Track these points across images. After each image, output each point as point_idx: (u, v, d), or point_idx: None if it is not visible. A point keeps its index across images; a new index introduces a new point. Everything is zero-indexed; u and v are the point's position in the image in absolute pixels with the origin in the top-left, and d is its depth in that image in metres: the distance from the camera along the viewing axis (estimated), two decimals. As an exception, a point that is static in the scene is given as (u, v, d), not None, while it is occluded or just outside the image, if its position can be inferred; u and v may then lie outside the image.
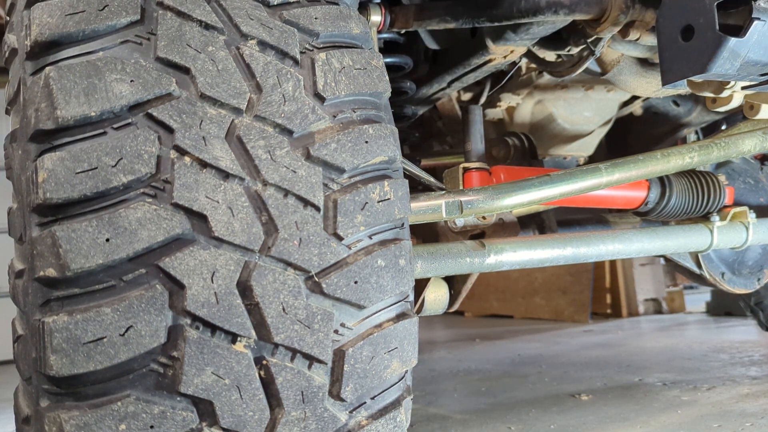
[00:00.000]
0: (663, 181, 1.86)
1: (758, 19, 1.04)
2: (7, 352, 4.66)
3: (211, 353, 0.80)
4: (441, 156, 2.24)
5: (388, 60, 1.69)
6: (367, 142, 0.94)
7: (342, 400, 0.88)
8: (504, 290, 6.07)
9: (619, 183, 1.58)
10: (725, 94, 1.51)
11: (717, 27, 1.04)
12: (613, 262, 5.47)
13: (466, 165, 1.68)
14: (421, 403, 2.42)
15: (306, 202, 0.88)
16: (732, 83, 1.48)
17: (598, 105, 2.20)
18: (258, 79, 0.90)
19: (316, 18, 0.99)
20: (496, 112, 2.26)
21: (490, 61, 1.64)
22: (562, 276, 5.48)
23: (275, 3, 0.99)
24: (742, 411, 2.09)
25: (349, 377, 0.88)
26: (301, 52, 0.96)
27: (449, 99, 2.15)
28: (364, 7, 1.48)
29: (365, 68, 1.00)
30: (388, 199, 0.95)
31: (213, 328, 0.81)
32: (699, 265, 2.14)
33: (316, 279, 0.87)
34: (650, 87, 1.74)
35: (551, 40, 1.60)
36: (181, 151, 0.83)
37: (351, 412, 0.90)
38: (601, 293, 5.53)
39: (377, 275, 0.91)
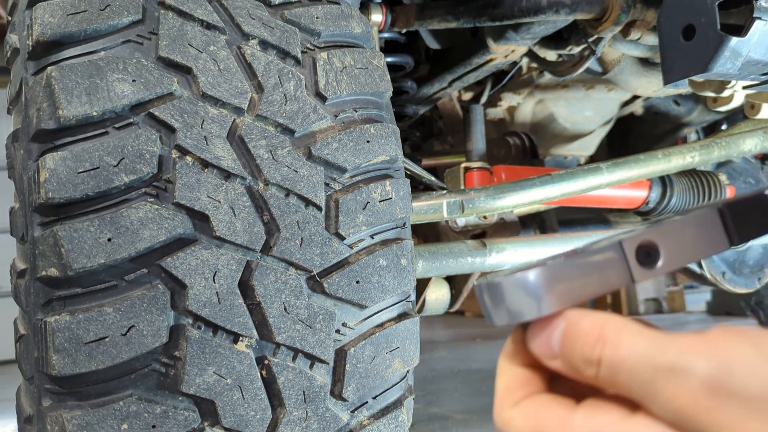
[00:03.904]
0: (664, 181, 1.86)
1: (759, 18, 1.04)
2: (8, 351, 4.66)
3: (212, 353, 0.80)
4: (442, 155, 2.24)
5: (389, 59, 1.69)
6: (368, 141, 0.94)
7: (344, 399, 0.88)
8: (505, 290, 6.05)
9: (620, 182, 1.58)
10: (726, 93, 1.51)
11: (718, 26, 1.04)
12: (613, 262, 5.45)
13: (468, 164, 1.68)
14: (422, 403, 2.42)
15: (308, 202, 0.88)
16: (733, 83, 1.48)
17: (599, 104, 2.20)
18: (259, 79, 0.90)
19: (317, 17, 0.99)
20: (497, 112, 2.26)
21: (491, 60, 1.64)
22: (563, 275, 5.47)
23: (276, 2, 0.99)
24: (743, 410, 2.08)
25: (350, 377, 0.88)
26: (303, 52, 0.96)
27: (450, 98, 2.14)
28: (365, 7, 1.48)
29: (367, 68, 1.00)
30: (390, 198, 0.95)
31: (215, 328, 0.81)
32: (700, 265, 2.14)
33: (318, 279, 0.87)
34: (651, 86, 1.74)
35: (552, 40, 1.60)
36: (183, 151, 0.83)
37: (353, 411, 0.90)
38: (601, 293, 5.51)
39: (379, 275, 0.91)
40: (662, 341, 0.30)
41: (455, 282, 1.67)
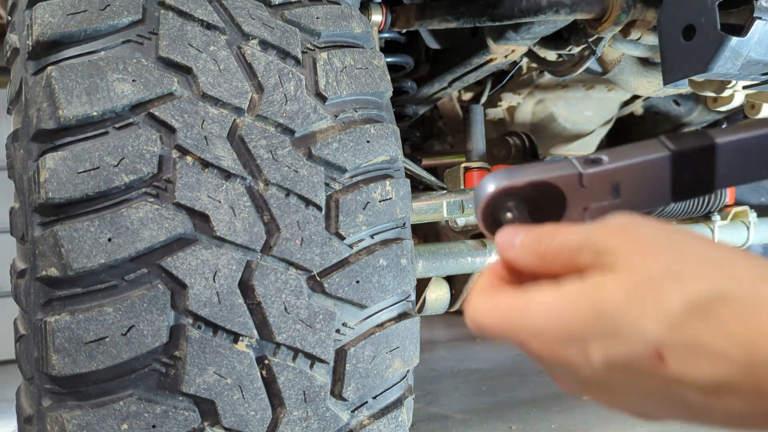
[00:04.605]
0: (664, 181, 1.86)
1: (759, 18, 1.04)
2: (8, 351, 4.66)
3: (213, 353, 0.80)
4: (442, 155, 2.24)
5: (389, 59, 1.69)
6: (368, 141, 0.94)
7: (344, 399, 0.88)
8: (504, 290, 6.05)
9: (620, 182, 1.57)
10: (726, 93, 1.51)
11: (718, 26, 1.04)
12: (613, 262, 5.46)
13: (468, 164, 1.68)
14: (422, 403, 2.42)
15: (308, 202, 0.88)
16: (733, 83, 1.48)
17: (599, 104, 2.20)
18: (260, 79, 0.90)
19: (317, 17, 0.99)
20: (497, 112, 2.26)
21: (491, 60, 1.64)
22: (563, 275, 5.47)
23: (277, 2, 0.99)
24: (743, 410, 2.08)
25: (350, 377, 0.88)
26: (303, 52, 0.96)
27: (450, 98, 2.15)
28: (365, 7, 1.48)
29: (367, 68, 1.00)
30: (390, 198, 0.95)
31: (215, 328, 0.81)
32: (700, 264, 2.14)
33: (318, 278, 0.87)
34: (651, 86, 1.73)
35: (552, 40, 1.60)
36: (183, 151, 0.83)
37: (353, 411, 0.90)
38: (601, 293, 5.53)
39: (379, 275, 0.91)
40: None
41: (455, 282, 1.67)
